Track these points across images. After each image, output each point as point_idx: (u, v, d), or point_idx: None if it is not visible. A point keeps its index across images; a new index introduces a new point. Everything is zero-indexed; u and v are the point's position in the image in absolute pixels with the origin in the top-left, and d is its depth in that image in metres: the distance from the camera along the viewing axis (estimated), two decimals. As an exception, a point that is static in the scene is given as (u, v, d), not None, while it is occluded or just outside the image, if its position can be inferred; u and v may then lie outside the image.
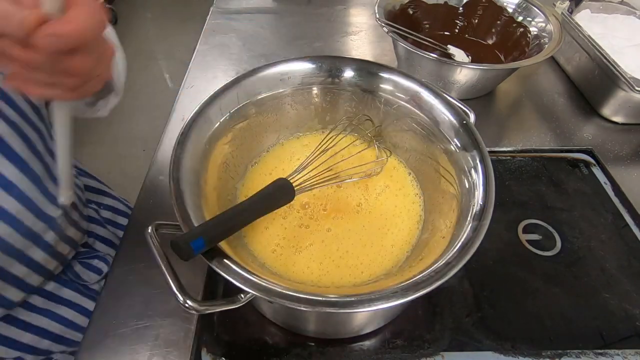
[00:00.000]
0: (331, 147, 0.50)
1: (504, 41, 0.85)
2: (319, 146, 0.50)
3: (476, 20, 0.88)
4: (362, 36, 0.98)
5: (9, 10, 0.23)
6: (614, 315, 0.50)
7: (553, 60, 0.90)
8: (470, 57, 0.82)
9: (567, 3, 0.84)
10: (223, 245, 0.37)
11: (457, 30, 0.90)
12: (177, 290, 0.34)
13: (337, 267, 0.45)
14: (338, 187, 0.52)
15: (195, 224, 0.36)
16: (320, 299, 0.33)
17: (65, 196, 0.43)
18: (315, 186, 0.47)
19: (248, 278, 0.33)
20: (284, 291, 0.33)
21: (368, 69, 0.53)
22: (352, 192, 0.51)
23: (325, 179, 0.48)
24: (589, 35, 0.76)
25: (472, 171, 0.42)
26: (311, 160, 0.48)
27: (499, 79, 0.79)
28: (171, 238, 0.34)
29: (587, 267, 0.55)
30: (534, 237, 0.58)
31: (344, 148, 0.51)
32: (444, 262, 0.35)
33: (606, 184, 0.66)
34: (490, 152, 0.43)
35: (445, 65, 0.73)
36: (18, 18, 0.23)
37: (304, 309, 0.32)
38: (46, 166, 0.47)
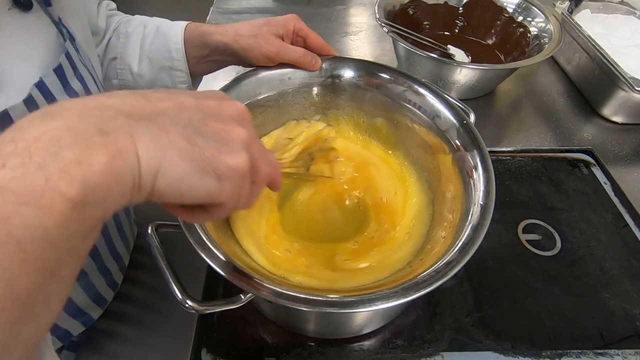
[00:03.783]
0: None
1: (504, 41, 0.85)
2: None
3: (476, 20, 0.88)
4: (362, 36, 0.98)
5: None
6: (614, 315, 0.50)
7: (553, 60, 0.90)
8: (470, 57, 0.82)
9: (567, 3, 0.84)
10: (222, 245, 0.37)
11: (457, 30, 0.90)
12: (177, 290, 0.34)
13: (340, 267, 0.45)
14: (341, 185, 0.51)
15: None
16: (320, 299, 0.33)
17: None
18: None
19: (248, 278, 0.33)
20: (284, 291, 0.33)
21: (368, 69, 0.53)
22: (355, 192, 0.51)
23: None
24: (589, 35, 0.76)
25: (473, 171, 0.42)
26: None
27: (499, 79, 0.79)
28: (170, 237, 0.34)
29: (587, 267, 0.55)
30: (534, 237, 0.58)
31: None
32: (444, 262, 0.35)
33: (606, 184, 0.66)
34: (490, 152, 0.43)
35: (445, 65, 0.73)
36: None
37: (304, 309, 0.32)
38: None
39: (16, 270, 0.16)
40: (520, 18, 0.83)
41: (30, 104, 0.33)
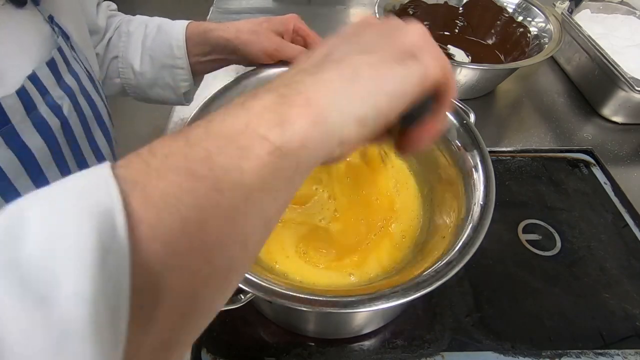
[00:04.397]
0: None
1: (504, 41, 0.85)
2: None
3: (476, 20, 0.88)
4: (362, 36, 0.98)
5: None
6: (614, 315, 0.50)
7: (553, 60, 0.90)
8: (470, 57, 0.82)
9: (567, 3, 0.84)
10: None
11: (457, 30, 0.90)
12: (177, 290, 0.34)
13: (337, 267, 0.45)
14: (338, 186, 0.52)
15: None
16: (320, 299, 0.33)
17: None
18: None
19: (248, 278, 0.33)
20: (284, 291, 0.33)
21: (368, 69, 0.52)
22: (351, 192, 0.51)
23: None
24: (589, 35, 0.76)
25: (473, 171, 0.42)
26: None
27: (499, 79, 0.79)
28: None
29: (587, 267, 0.55)
30: (534, 237, 0.58)
31: None
32: (444, 262, 0.35)
33: (606, 184, 0.66)
34: (490, 152, 0.43)
35: (445, 65, 0.73)
36: None
37: (304, 309, 0.32)
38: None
39: (209, 213, 0.16)
40: (520, 18, 0.83)
41: (22, 94, 0.33)
